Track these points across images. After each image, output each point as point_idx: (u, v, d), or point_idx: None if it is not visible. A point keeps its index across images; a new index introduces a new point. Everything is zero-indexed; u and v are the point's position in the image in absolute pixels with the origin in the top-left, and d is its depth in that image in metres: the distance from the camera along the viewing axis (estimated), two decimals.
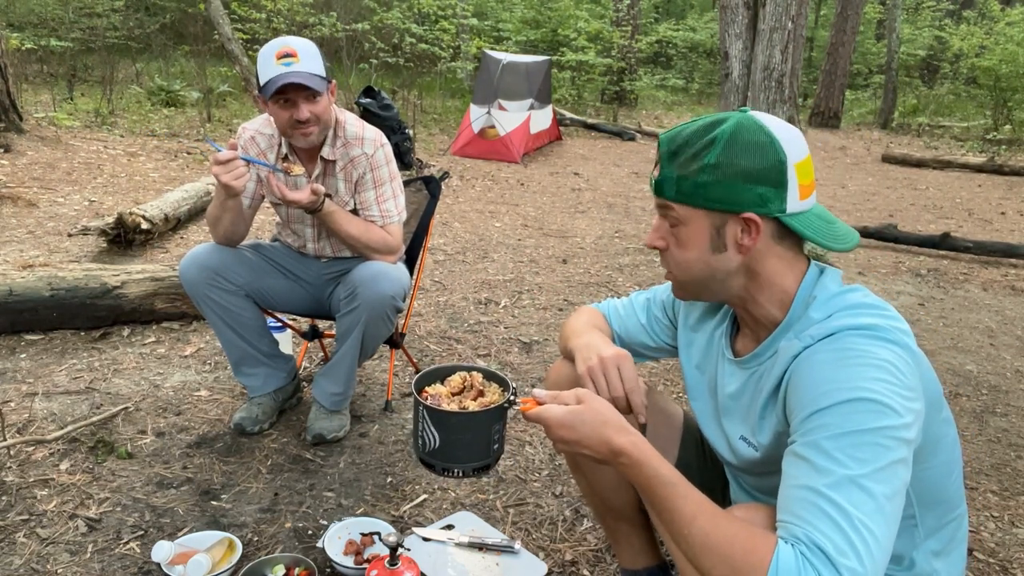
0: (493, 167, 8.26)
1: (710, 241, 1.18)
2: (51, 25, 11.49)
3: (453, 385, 1.36)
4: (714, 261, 1.19)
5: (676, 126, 1.22)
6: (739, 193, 1.14)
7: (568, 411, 1.14)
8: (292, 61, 2.12)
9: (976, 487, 2.38)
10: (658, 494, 1.07)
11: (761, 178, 1.13)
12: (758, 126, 1.16)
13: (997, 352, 3.61)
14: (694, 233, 1.18)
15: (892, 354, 1.05)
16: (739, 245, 1.17)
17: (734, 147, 1.14)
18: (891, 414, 1.00)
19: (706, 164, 1.14)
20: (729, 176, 1.13)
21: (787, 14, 4.66)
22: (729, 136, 1.14)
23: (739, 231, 1.16)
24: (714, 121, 1.18)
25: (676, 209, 1.19)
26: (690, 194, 1.16)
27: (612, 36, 14.21)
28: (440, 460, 1.27)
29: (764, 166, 1.13)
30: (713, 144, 1.14)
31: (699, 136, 1.16)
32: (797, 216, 1.15)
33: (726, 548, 0.98)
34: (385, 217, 2.39)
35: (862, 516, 0.94)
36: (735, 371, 1.31)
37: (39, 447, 2.25)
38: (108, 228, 4.09)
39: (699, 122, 1.19)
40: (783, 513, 1.00)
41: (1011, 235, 6.23)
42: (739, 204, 1.14)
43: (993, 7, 15.42)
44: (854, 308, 1.13)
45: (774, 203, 1.14)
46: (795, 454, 1.04)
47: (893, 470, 0.98)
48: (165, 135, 8.03)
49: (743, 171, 1.13)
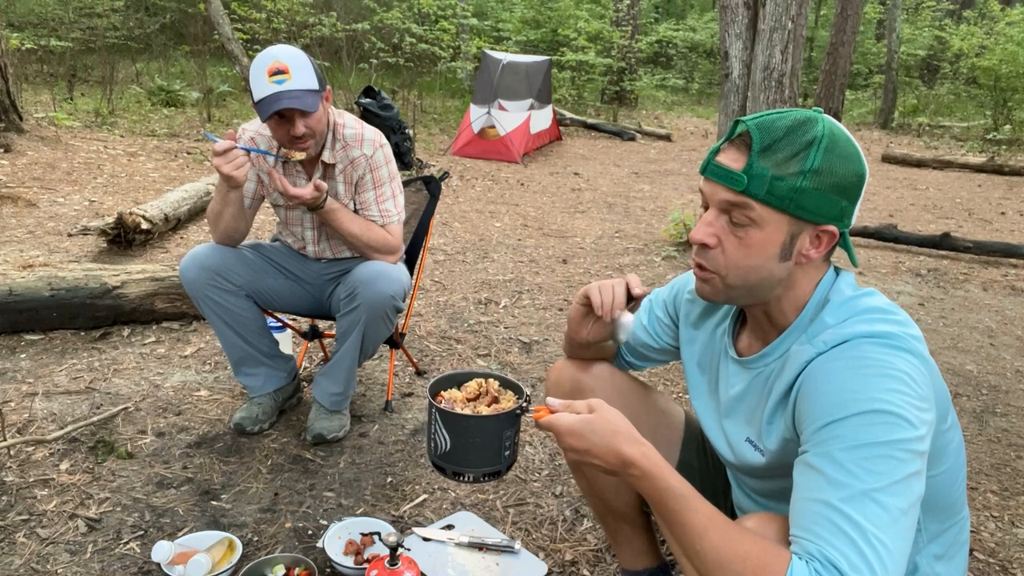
0: (493, 167, 8.26)
1: (780, 248, 1.12)
2: (51, 25, 11.48)
3: (469, 391, 1.36)
4: (775, 268, 1.13)
5: (760, 114, 1.13)
6: (829, 204, 1.09)
7: (579, 420, 1.11)
8: (284, 78, 2.10)
9: (976, 487, 2.38)
10: (669, 507, 1.05)
11: (848, 191, 1.10)
12: (845, 135, 1.11)
13: (997, 352, 3.61)
14: (767, 238, 1.11)
15: (907, 364, 1.04)
16: (801, 255, 1.13)
17: (832, 154, 1.08)
18: (906, 426, 0.98)
19: (808, 169, 1.07)
20: (826, 185, 1.08)
21: (787, 14, 4.66)
22: (828, 140, 1.08)
23: (808, 241, 1.12)
24: (806, 119, 1.10)
25: (756, 209, 1.09)
26: (783, 196, 1.07)
27: (612, 36, 14.22)
28: (451, 464, 1.26)
29: (853, 179, 1.10)
30: (815, 145, 1.07)
31: (796, 132, 1.08)
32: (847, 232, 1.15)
33: (738, 565, 0.97)
34: (385, 217, 2.39)
35: (877, 531, 0.92)
36: (739, 371, 1.29)
37: (39, 447, 2.25)
38: (108, 228, 4.10)
39: (787, 115, 1.11)
40: (796, 528, 0.99)
41: (1011, 235, 6.23)
42: (826, 215, 1.09)
43: (993, 7, 15.42)
44: (868, 313, 1.11)
45: (847, 218, 1.12)
46: (808, 465, 1.02)
47: (908, 483, 0.97)
48: (165, 135, 8.03)
49: (838, 181, 1.08)
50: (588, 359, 1.57)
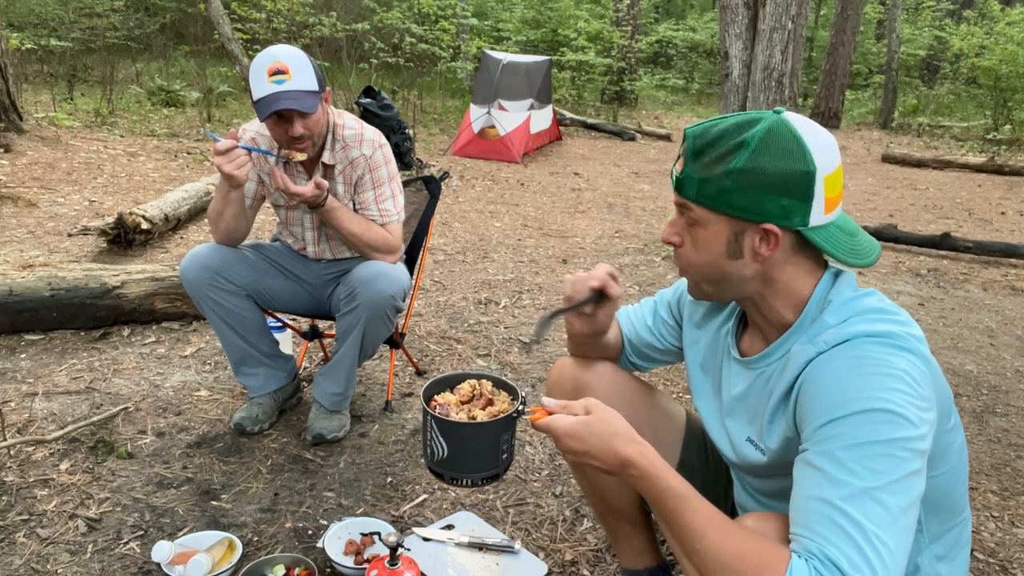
0: (493, 167, 8.26)
1: (727, 247, 1.15)
2: (51, 25, 11.50)
3: (462, 394, 1.35)
4: (729, 266, 1.16)
5: (706, 120, 1.16)
6: (762, 203, 1.09)
7: (577, 421, 1.11)
8: (284, 79, 2.10)
9: (976, 487, 2.38)
10: (668, 507, 1.05)
11: (787, 189, 1.09)
12: (791, 132, 1.10)
13: (997, 352, 3.60)
14: (711, 237, 1.15)
15: (908, 363, 1.04)
16: (755, 254, 1.14)
17: (763, 154, 1.08)
18: (907, 425, 0.98)
19: (731, 169, 1.09)
20: (754, 185, 1.09)
21: (787, 14, 4.66)
22: (759, 141, 1.09)
23: (757, 240, 1.13)
24: (746, 121, 1.12)
25: (695, 210, 1.15)
26: (712, 197, 1.12)
27: (612, 36, 14.22)
28: (449, 470, 1.25)
29: (792, 177, 1.08)
30: (741, 148, 1.09)
31: (728, 136, 1.11)
32: (819, 229, 1.12)
33: (738, 564, 0.97)
34: (384, 216, 2.39)
35: (877, 529, 0.93)
36: (741, 371, 1.29)
37: (39, 447, 2.25)
38: (108, 228, 4.10)
39: (730, 120, 1.14)
40: (796, 526, 0.99)
41: (1011, 235, 6.23)
42: (761, 214, 1.10)
43: (993, 7, 15.42)
44: (869, 313, 1.11)
45: (797, 216, 1.10)
46: (808, 463, 1.02)
47: (908, 482, 0.97)
48: (165, 135, 8.03)
49: (769, 181, 1.08)
50: (591, 358, 1.56)
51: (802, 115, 1.16)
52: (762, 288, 1.19)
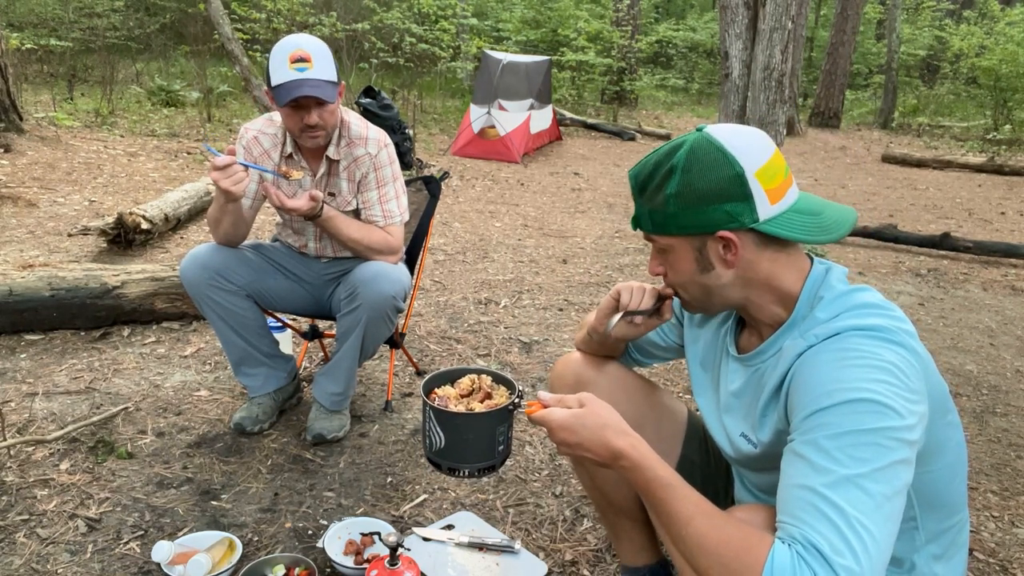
0: (493, 167, 8.27)
1: (696, 263, 1.21)
2: (51, 25, 11.50)
3: (462, 387, 1.39)
4: (706, 280, 1.22)
5: (641, 160, 1.25)
6: (706, 215, 1.15)
7: (570, 414, 1.14)
8: (306, 67, 2.11)
9: (976, 487, 2.38)
10: (656, 496, 1.07)
11: (723, 195, 1.14)
12: (710, 144, 1.16)
13: (997, 352, 3.61)
14: (680, 258, 1.22)
15: (896, 356, 1.05)
16: (723, 261, 1.19)
17: (690, 172, 1.15)
18: (893, 415, 0.99)
19: (668, 195, 1.17)
20: (692, 202, 1.15)
21: (787, 14, 4.66)
22: (684, 162, 1.16)
23: (720, 249, 1.18)
24: (671, 149, 1.19)
25: (657, 240, 1.24)
26: (663, 224, 1.20)
27: (612, 36, 14.21)
28: (446, 460, 1.29)
29: (722, 184, 1.14)
30: (672, 173, 1.16)
31: (658, 167, 1.19)
32: (774, 220, 1.16)
33: (722, 548, 0.98)
34: (388, 217, 2.40)
35: (859, 515, 0.93)
36: (738, 368, 1.31)
37: (39, 447, 2.25)
38: (108, 228, 4.10)
39: (659, 152, 1.21)
40: (781, 514, 1.00)
41: (1011, 235, 6.23)
42: (710, 225, 1.16)
43: (993, 7, 15.43)
44: (860, 308, 1.13)
45: (744, 215, 1.15)
46: (794, 452, 1.04)
47: (893, 470, 0.98)
48: (165, 135, 8.03)
49: (704, 194, 1.15)
50: (596, 355, 1.60)
51: (724, 123, 1.22)
52: (746, 291, 1.22)
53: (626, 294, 1.43)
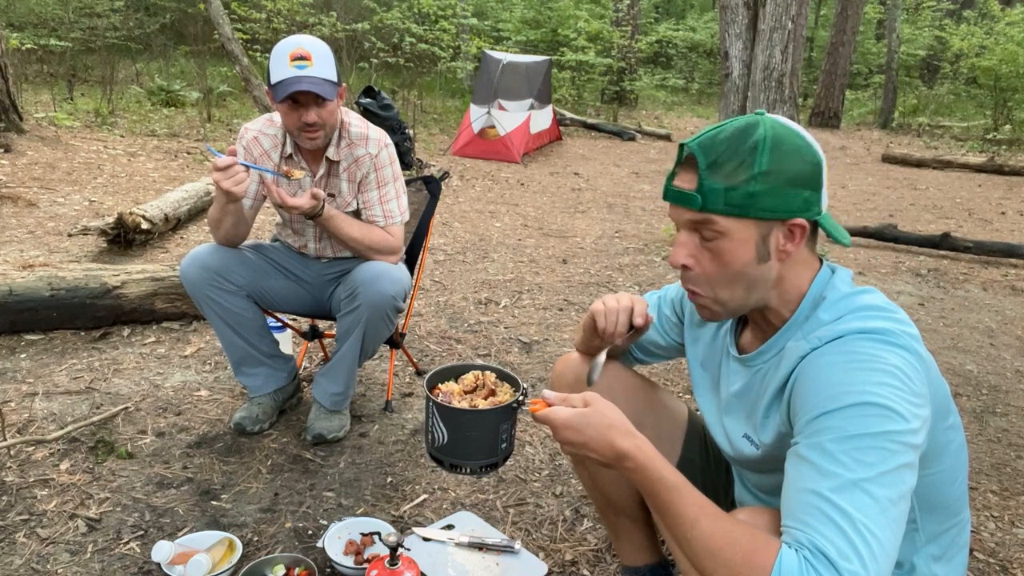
0: (493, 167, 8.27)
1: (755, 251, 1.14)
2: (51, 25, 11.50)
3: (466, 383, 1.37)
4: (757, 272, 1.16)
5: (702, 132, 1.17)
6: (789, 199, 1.11)
7: (575, 413, 1.13)
8: (306, 64, 2.12)
9: (976, 487, 2.38)
10: (661, 497, 1.06)
11: (806, 182, 1.12)
12: (790, 129, 1.14)
13: (997, 352, 3.60)
14: (739, 245, 1.13)
15: (901, 359, 1.04)
16: (780, 252, 1.15)
17: (780, 152, 1.11)
18: (897, 419, 0.99)
19: (757, 172, 1.10)
20: (780, 182, 1.10)
21: (787, 14, 4.66)
22: (772, 141, 1.11)
23: (782, 238, 1.14)
24: (745, 126, 1.14)
25: (720, 222, 1.12)
26: (743, 204, 1.11)
27: (612, 36, 14.21)
28: (448, 456, 1.28)
29: (808, 169, 1.12)
30: (758, 150, 1.11)
31: (738, 142, 1.12)
32: (825, 216, 1.16)
33: (728, 552, 0.98)
34: (388, 218, 2.40)
35: (865, 520, 0.93)
36: (739, 369, 1.30)
37: (39, 447, 2.25)
38: (108, 228, 4.10)
39: (727, 127, 1.15)
40: (787, 518, 1.00)
41: (1011, 235, 6.23)
42: (789, 210, 1.12)
43: (993, 7, 15.41)
44: (864, 311, 1.12)
45: (815, 206, 1.14)
46: (799, 456, 1.03)
47: (899, 474, 0.97)
48: (165, 135, 8.03)
49: (792, 176, 1.11)
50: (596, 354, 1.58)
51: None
52: (775, 288, 1.19)
53: (601, 319, 1.41)
